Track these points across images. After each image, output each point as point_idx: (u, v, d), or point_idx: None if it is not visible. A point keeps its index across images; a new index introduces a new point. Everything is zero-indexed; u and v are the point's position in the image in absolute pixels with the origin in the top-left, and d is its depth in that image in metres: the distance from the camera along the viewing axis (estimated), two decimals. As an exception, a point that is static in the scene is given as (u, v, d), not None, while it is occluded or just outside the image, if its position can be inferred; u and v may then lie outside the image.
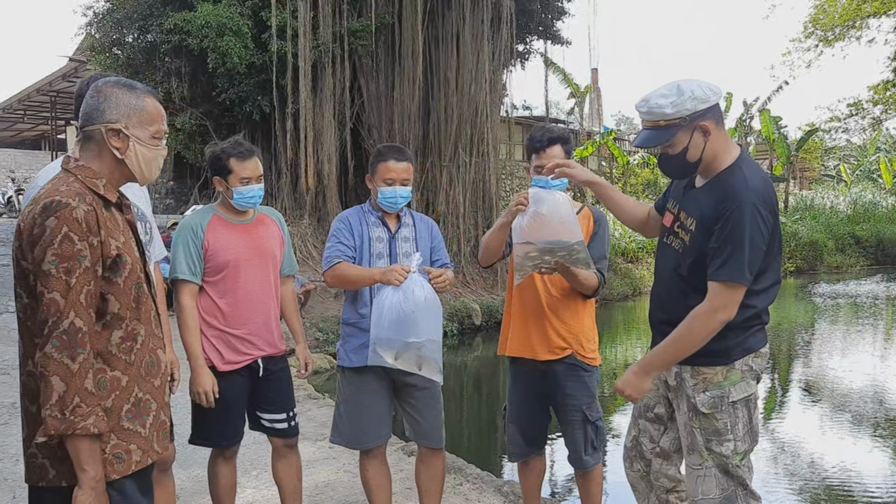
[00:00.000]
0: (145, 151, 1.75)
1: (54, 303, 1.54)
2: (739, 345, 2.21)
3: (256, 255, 2.84)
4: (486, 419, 7.09)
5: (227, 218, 2.85)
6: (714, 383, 2.21)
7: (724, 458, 2.21)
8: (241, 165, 2.78)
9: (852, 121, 21.06)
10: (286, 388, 2.97)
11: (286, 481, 2.99)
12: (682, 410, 2.29)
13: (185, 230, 2.80)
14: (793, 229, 20.70)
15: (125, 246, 1.70)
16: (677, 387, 2.30)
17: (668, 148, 2.19)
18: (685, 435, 2.29)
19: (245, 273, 2.80)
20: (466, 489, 3.79)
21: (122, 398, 1.67)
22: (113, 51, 12.90)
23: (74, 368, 1.53)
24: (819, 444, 5.98)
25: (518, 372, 3.02)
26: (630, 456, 2.54)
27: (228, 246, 2.79)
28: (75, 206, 1.58)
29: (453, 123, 12.27)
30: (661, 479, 2.46)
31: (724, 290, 2.11)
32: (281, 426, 2.93)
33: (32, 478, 1.66)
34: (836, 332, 11.51)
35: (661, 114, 2.14)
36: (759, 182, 2.15)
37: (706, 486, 2.23)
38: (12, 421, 4.80)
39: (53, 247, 1.55)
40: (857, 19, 17.64)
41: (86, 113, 1.71)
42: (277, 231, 2.96)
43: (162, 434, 1.79)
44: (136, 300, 1.71)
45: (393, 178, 2.86)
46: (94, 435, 1.56)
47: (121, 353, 1.67)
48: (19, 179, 22.08)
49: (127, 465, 1.67)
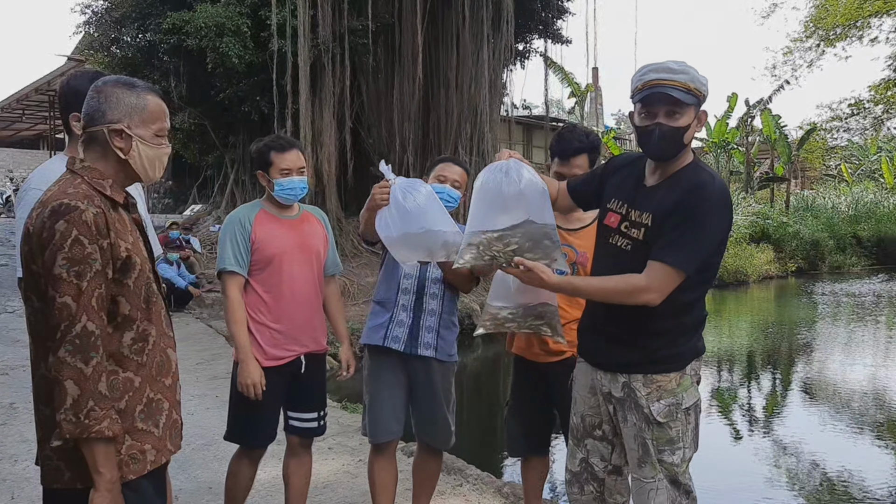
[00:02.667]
0: (149, 150, 1.74)
1: (66, 307, 1.54)
2: (690, 349, 2.17)
3: (301, 251, 2.84)
4: (486, 419, 7.07)
5: (274, 212, 2.86)
6: (668, 391, 2.14)
7: (674, 468, 2.16)
8: (281, 157, 2.80)
9: (853, 120, 21.04)
10: (321, 387, 2.96)
11: (295, 480, 2.96)
12: (630, 422, 2.19)
13: (232, 223, 2.81)
14: (794, 229, 20.69)
15: (134, 246, 1.70)
16: (625, 398, 2.19)
17: (677, 118, 2.08)
18: (635, 447, 2.19)
19: (290, 268, 2.80)
20: (466, 489, 3.78)
21: (134, 399, 1.68)
22: (111, 49, 12.92)
23: (88, 372, 1.54)
24: (819, 444, 5.96)
25: (520, 369, 3.01)
26: (580, 480, 2.40)
27: (275, 239, 2.79)
28: (84, 208, 1.58)
29: (453, 123, 12.26)
30: (615, 495, 2.37)
31: (666, 273, 2.05)
32: (312, 425, 2.92)
33: (47, 480, 1.66)
34: (836, 332, 11.49)
35: (696, 79, 2.06)
36: (722, 183, 2.14)
37: (658, 499, 2.17)
38: (11, 421, 4.78)
39: (64, 251, 1.55)
40: (858, 19, 17.63)
41: (87, 114, 1.71)
42: (322, 229, 2.97)
43: (174, 432, 1.80)
44: (147, 300, 1.72)
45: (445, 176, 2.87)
46: (109, 438, 1.57)
47: (132, 355, 1.68)
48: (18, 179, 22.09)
49: (142, 466, 1.68)
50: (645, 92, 2.08)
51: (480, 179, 2.25)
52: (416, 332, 2.83)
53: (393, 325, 2.84)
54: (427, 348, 2.84)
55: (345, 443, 4.43)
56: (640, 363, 2.17)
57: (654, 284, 2.06)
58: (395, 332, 2.84)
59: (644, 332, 2.16)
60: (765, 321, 12.66)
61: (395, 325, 2.84)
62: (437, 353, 2.86)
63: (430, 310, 2.85)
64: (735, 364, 9.44)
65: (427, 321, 2.84)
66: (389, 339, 2.83)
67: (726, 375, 8.84)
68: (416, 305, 2.84)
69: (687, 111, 2.08)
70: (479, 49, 12.34)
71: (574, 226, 2.85)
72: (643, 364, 2.16)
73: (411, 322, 2.83)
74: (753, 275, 17.80)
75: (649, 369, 2.16)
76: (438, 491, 3.50)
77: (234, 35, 10.78)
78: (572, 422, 2.44)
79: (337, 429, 4.58)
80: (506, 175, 2.20)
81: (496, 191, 2.19)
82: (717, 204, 2.06)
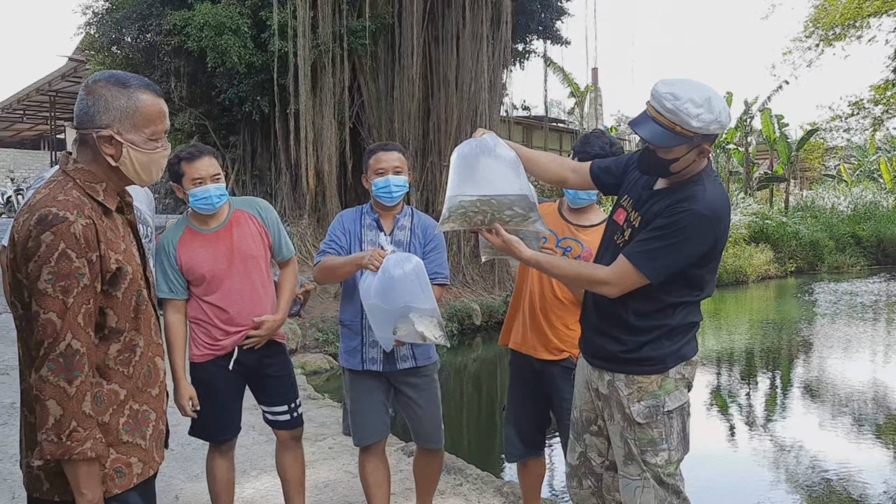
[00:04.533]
0: (141, 156, 1.62)
1: (51, 323, 1.46)
2: (675, 353, 2.16)
3: (232, 263, 2.77)
4: (486, 419, 7.08)
5: (199, 228, 2.78)
6: (649, 392, 2.15)
7: (658, 469, 2.16)
8: (191, 166, 2.69)
9: (854, 120, 21.03)
10: (285, 380, 2.96)
11: (290, 473, 2.99)
12: (614, 420, 2.21)
13: (160, 250, 2.78)
14: (793, 229, 20.69)
15: (125, 254, 1.62)
16: (609, 396, 2.22)
17: (662, 151, 2.03)
18: (620, 445, 2.21)
19: (225, 282, 2.77)
20: (466, 489, 3.79)
21: (119, 412, 1.62)
22: (112, 50, 12.91)
23: (71, 392, 1.47)
24: (819, 444, 5.97)
25: (516, 367, 3.01)
26: (578, 474, 2.44)
27: (200, 259, 2.74)
28: (73, 220, 1.49)
29: (453, 123, 12.25)
30: (613, 492, 2.37)
31: (627, 270, 2.06)
32: (283, 418, 2.93)
33: (28, 487, 1.64)
34: (836, 332, 11.49)
35: (685, 122, 1.94)
36: (718, 196, 2.07)
37: (644, 497, 2.17)
38: (11, 421, 4.79)
39: (50, 265, 1.46)
40: (857, 18, 17.63)
41: (78, 115, 1.60)
42: (254, 226, 2.84)
43: (160, 443, 1.76)
44: (136, 310, 1.65)
45: (384, 167, 2.84)
46: (91, 458, 1.52)
47: (118, 366, 1.62)
48: (18, 179, 22.09)
49: (128, 479, 1.63)
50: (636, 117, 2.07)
51: (458, 151, 2.28)
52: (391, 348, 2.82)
53: (366, 347, 2.84)
54: (405, 360, 2.86)
55: (345, 442, 4.44)
56: (622, 360, 2.18)
57: (613, 278, 2.09)
58: (370, 354, 2.84)
59: (625, 326, 2.16)
60: (763, 321, 12.66)
61: (368, 348, 2.84)
62: (417, 360, 2.87)
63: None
64: (734, 364, 9.44)
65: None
66: (367, 361, 2.85)
67: (725, 375, 8.85)
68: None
69: (673, 149, 2.01)
70: (478, 49, 12.33)
71: (584, 223, 2.89)
72: (624, 359, 2.17)
73: None
74: (752, 275, 17.81)
75: (631, 369, 2.16)
76: (438, 490, 3.51)
77: (234, 34, 10.77)
78: (573, 416, 2.47)
79: (337, 428, 4.59)
80: (480, 144, 2.23)
81: (473, 160, 2.22)
82: (700, 217, 2.01)
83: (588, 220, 2.90)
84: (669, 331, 2.14)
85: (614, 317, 2.18)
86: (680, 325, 2.15)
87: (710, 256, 2.10)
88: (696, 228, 2.02)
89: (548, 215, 2.89)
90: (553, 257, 2.44)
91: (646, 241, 2.07)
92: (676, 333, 2.15)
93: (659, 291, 2.09)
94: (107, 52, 12.90)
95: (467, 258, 12.25)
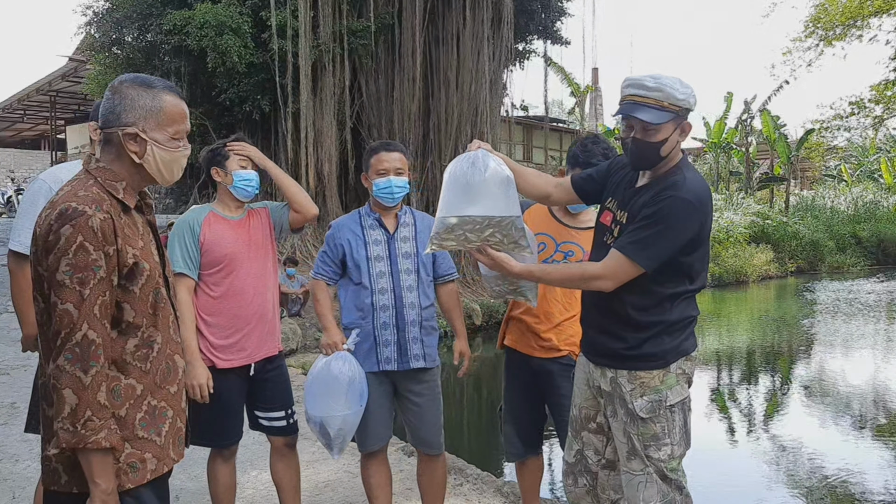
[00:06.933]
0: (164, 154, 1.69)
1: (67, 314, 1.51)
2: (676, 348, 2.19)
3: (251, 249, 2.88)
4: (486, 419, 7.09)
5: (223, 214, 2.90)
6: (651, 388, 2.18)
7: (662, 464, 2.18)
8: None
9: (854, 119, 21.03)
10: (284, 386, 2.97)
11: (286, 480, 2.99)
12: (618, 416, 2.23)
13: (181, 226, 2.83)
14: (794, 229, 20.70)
15: (143, 251, 1.66)
16: (612, 392, 2.24)
17: (651, 134, 2.10)
18: (624, 441, 2.23)
19: (240, 267, 2.82)
20: (466, 489, 3.79)
21: (136, 407, 1.64)
22: (112, 50, 12.91)
23: (87, 381, 1.51)
24: (819, 443, 5.97)
25: (512, 365, 3.01)
26: (574, 471, 2.46)
27: (224, 241, 2.82)
28: (92, 214, 1.55)
29: (453, 123, 12.27)
30: (608, 490, 2.39)
31: (621, 262, 2.10)
32: (280, 424, 2.93)
33: (46, 481, 1.64)
34: (836, 332, 11.50)
35: (670, 96, 2.06)
36: (698, 183, 2.15)
37: (648, 492, 2.19)
38: (11, 421, 4.79)
39: (68, 256, 1.52)
40: (858, 18, 17.63)
41: (104, 114, 1.67)
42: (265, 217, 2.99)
43: (178, 441, 1.77)
44: (154, 307, 1.68)
45: (386, 167, 2.85)
46: (106, 448, 1.54)
47: (136, 361, 1.65)
48: (19, 179, 22.10)
49: (142, 475, 1.65)
50: (621, 107, 2.15)
51: (449, 169, 2.28)
52: (405, 345, 2.83)
53: (380, 347, 2.84)
54: (417, 360, 2.86)
55: (345, 442, 4.44)
56: (624, 356, 2.20)
57: (607, 272, 2.13)
58: (384, 353, 2.84)
59: (626, 323, 2.19)
60: (763, 321, 12.67)
61: (382, 347, 2.84)
62: (426, 361, 2.88)
63: (412, 320, 2.85)
64: (734, 363, 9.45)
65: (412, 332, 2.85)
66: (382, 362, 2.85)
67: (725, 374, 8.86)
68: (398, 319, 2.83)
69: (662, 127, 2.10)
70: (478, 49, 12.34)
71: (580, 225, 2.88)
72: (626, 357, 2.19)
73: (397, 338, 2.83)
74: (753, 275, 17.82)
75: (633, 365, 2.19)
76: (438, 490, 3.50)
77: (234, 34, 10.78)
78: (571, 413, 2.48)
79: (337, 428, 4.59)
80: (472, 165, 2.23)
81: (463, 180, 2.22)
82: (683, 202, 2.08)
83: (584, 223, 2.88)
84: (668, 326, 2.17)
85: (614, 314, 2.21)
86: (678, 321, 2.19)
87: (698, 242, 2.14)
88: (682, 213, 2.08)
89: (539, 217, 2.89)
90: (543, 265, 2.51)
91: (634, 231, 2.11)
92: (676, 329, 2.18)
93: (652, 283, 2.13)
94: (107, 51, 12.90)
95: (467, 258, 12.25)
